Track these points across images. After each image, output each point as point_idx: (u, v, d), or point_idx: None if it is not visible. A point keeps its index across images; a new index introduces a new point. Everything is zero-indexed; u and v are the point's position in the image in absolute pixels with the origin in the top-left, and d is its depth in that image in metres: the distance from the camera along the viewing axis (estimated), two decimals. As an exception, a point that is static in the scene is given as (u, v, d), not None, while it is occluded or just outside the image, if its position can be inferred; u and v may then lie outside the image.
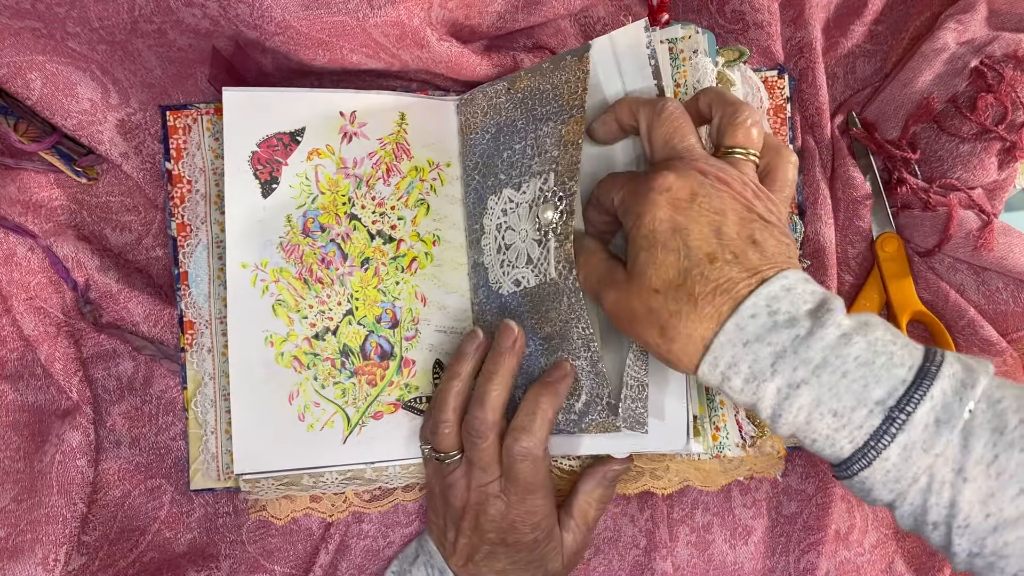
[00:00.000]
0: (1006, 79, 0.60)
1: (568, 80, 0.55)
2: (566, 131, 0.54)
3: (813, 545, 0.63)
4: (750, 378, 0.44)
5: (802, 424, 0.44)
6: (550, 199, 0.54)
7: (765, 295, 0.44)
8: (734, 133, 0.49)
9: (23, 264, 0.62)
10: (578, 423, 0.55)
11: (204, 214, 0.60)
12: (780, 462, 0.61)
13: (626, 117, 0.53)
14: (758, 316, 0.43)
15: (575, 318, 0.53)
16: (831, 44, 0.67)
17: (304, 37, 0.54)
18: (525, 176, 0.56)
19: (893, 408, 0.41)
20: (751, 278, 0.44)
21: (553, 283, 0.54)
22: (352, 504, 0.62)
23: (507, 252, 0.57)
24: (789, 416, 0.44)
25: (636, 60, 0.54)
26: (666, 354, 0.46)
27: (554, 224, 0.54)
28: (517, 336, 0.55)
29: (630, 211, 0.48)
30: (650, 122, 0.50)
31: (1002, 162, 0.62)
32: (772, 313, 0.43)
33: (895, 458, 0.42)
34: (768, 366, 0.43)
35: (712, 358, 0.45)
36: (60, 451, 0.60)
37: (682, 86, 0.57)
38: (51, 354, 0.61)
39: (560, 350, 0.55)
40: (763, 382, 0.44)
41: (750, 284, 0.44)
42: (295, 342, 0.58)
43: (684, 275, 0.45)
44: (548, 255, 0.54)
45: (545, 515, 0.54)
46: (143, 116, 0.62)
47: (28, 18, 0.54)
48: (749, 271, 0.44)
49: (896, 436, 0.41)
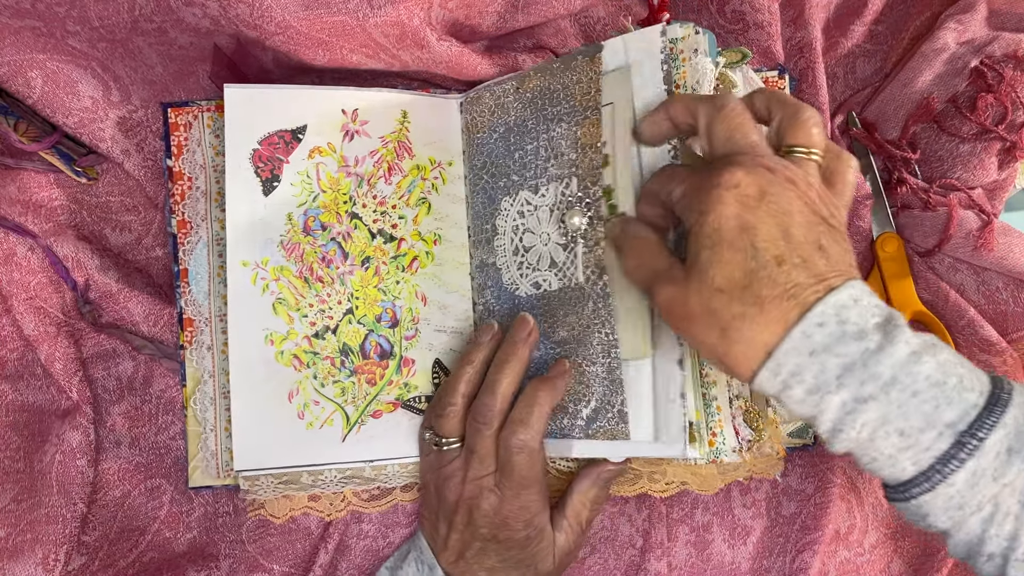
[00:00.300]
0: (1006, 79, 0.60)
1: (579, 80, 0.55)
2: (582, 133, 0.55)
3: (809, 544, 0.63)
4: (814, 389, 0.43)
5: (864, 441, 0.43)
6: (575, 205, 0.55)
7: (833, 304, 0.42)
8: (796, 132, 0.47)
9: (23, 264, 0.62)
10: (585, 429, 0.55)
11: (204, 211, 0.60)
12: (780, 463, 0.61)
13: (682, 115, 0.50)
14: (826, 325, 0.42)
15: (599, 323, 0.54)
16: (831, 44, 0.67)
17: (304, 37, 0.54)
18: (542, 179, 0.57)
19: (964, 432, 0.40)
20: (818, 285, 0.43)
21: (579, 288, 0.55)
22: (350, 504, 0.62)
23: (526, 255, 0.58)
24: (851, 432, 0.42)
25: (649, 64, 0.54)
26: (723, 356, 0.44)
27: (583, 230, 0.55)
28: (532, 328, 0.56)
29: (693, 207, 0.45)
30: (710, 117, 0.48)
31: (1002, 162, 0.62)
32: (841, 323, 0.42)
33: (961, 484, 0.41)
34: (834, 378, 0.42)
35: (774, 365, 0.43)
36: (60, 451, 0.60)
37: (682, 87, 0.57)
38: (51, 354, 0.61)
39: (574, 355, 0.55)
40: (827, 394, 0.42)
41: (817, 291, 0.42)
42: (295, 340, 0.58)
43: (750, 276, 0.43)
44: (576, 260, 0.55)
45: (538, 512, 0.54)
46: (144, 113, 0.62)
47: (28, 17, 0.54)
48: (816, 277, 0.43)
49: (965, 462, 0.40)
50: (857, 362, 0.42)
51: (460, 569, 0.55)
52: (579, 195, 0.55)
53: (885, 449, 0.42)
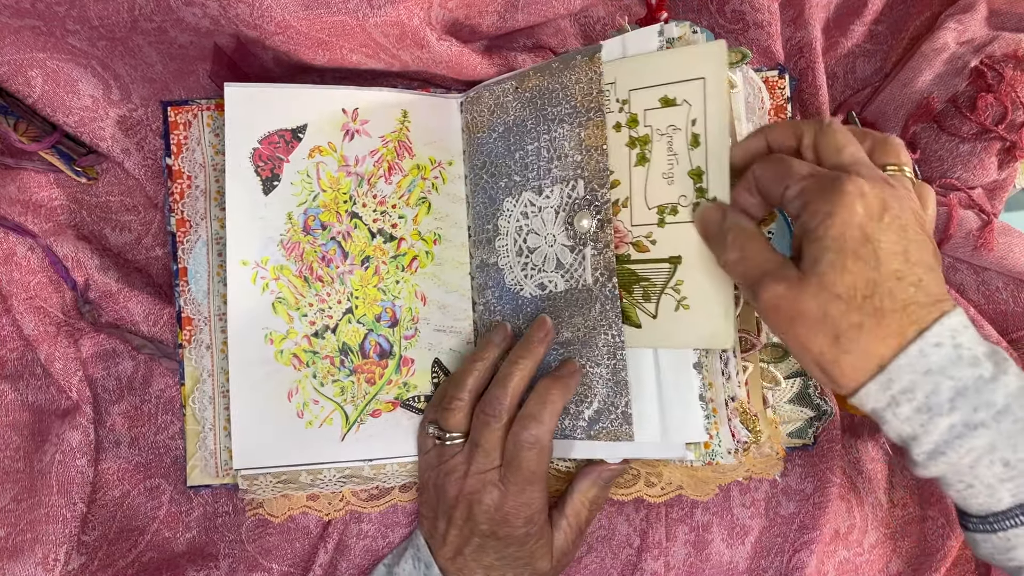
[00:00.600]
0: (1006, 79, 0.60)
1: (579, 80, 0.55)
2: (586, 135, 0.55)
3: (806, 544, 0.63)
4: (923, 408, 0.43)
5: (963, 467, 0.43)
6: (583, 208, 0.55)
7: (949, 327, 0.43)
8: (887, 152, 0.48)
9: (23, 264, 0.62)
10: (587, 430, 0.55)
11: (204, 210, 0.60)
12: (779, 463, 0.61)
13: (781, 136, 0.50)
14: (942, 346, 0.42)
15: (605, 325, 0.54)
16: (831, 44, 0.67)
17: (304, 37, 0.54)
18: (546, 180, 0.57)
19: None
20: (933, 305, 0.43)
21: (586, 289, 0.55)
22: (349, 503, 0.62)
23: (531, 255, 0.58)
24: (953, 456, 0.43)
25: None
26: (830, 364, 0.44)
27: (592, 232, 0.55)
28: (549, 330, 0.56)
29: (815, 208, 0.44)
30: (816, 133, 0.48)
31: (1002, 162, 0.62)
32: (956, 347, 0.42)
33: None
34: (947, 400, 0.42)
35: (885, 379, 0.43)
36: (60, 451, 0.60)
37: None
38: (51, 354, 0.61)
39: (579, 356, 0.55)
40: (937, 416, 0.43)
41: (932, 312, 0.43)
42: (295, 340, 0.58)
43: (872, 287, 0.43)
44: (584, 262, 0.55)
45: (539, 510, 0.54)
46: (144, 112, 0.62)
47: (28, 16, 0.54)
48: (931, 297, 0.43)
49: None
50: (970, 387, 0.42)
51: (457, 566, 0.55)
52: (587, 198, 0.55)
53: (986, 478, 0.43)
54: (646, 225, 0.54)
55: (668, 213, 0.53)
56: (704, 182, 0.52)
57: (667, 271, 0.53)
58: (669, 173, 0.53)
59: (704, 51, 0.52)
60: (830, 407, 0.61)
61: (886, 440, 0.66)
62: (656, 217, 0.54)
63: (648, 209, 0.54)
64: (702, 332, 0.52)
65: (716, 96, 0.52)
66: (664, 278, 0.54)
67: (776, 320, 0.46)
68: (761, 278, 0.46)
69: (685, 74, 0.52)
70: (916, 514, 0.65)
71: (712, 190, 0.52)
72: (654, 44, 0.54)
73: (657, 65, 0.53)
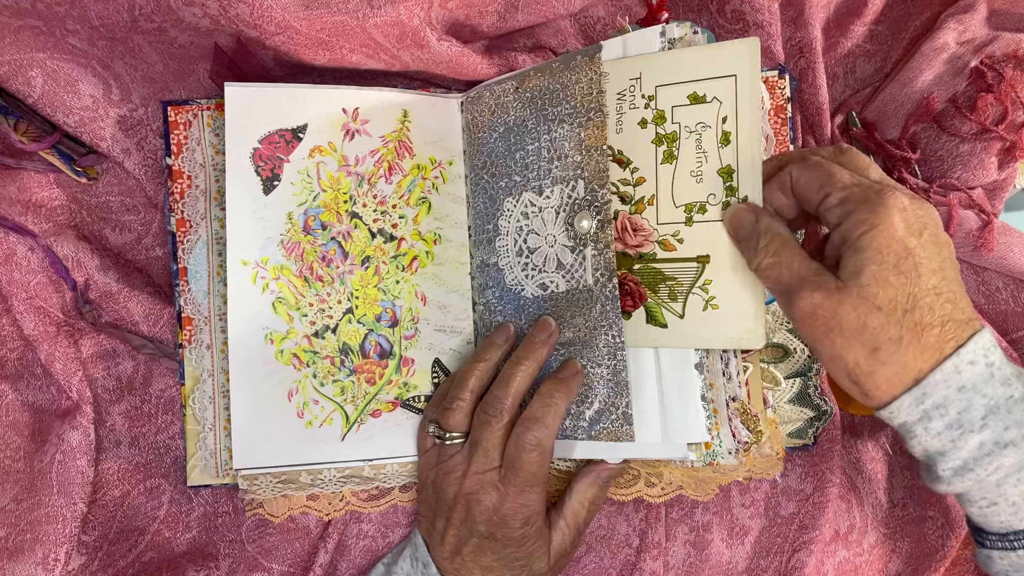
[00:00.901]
0: (1006, 79, 0.60)
1: (579, 80, 0.55)
2: (586, 135, 0.55)
3: (805, 544, 0.63)
4: (955, 424, 0.43)
5: (990, 485, 0.44)
6: (584, 208, 0.55)
7: (982, 345, 0.43)
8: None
9: (23, 264, 0.62)
10: (587, 430, 0.55)
11: (204, 210, 0.60)
12: (779, 463, 0.61)
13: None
14: (976, 364, 0.43)
15: (606, 325, 0.54)
16: (831, 44, 0.67)
17: (304, 37, 0.54)
18: (546, 180, 0.57)
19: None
20: (967, 323, 0.44)
21: (587, 290, 0.55)
22: (349, 503, 0.62)
23: (531, 256, 0.58)
24: (981, 473, 0.43)
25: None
26: (863, 375, 0.45)
27: (592, 233, 0.55)
28: (553, 331, 0.56)
29: (859, 218, 0.44)
30: (838, 156, 0.49)
31: (1002, 162, 0.62)
32: (989, 365, 0.43)
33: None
34: (979, 418, 0.43)
35: (919, 393, 0.44)
36: (60, 451, 0.60)
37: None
38: (51, 354, 0.61)
39: (580, 356, 0.55)
40: (968, 432, 0.43)
41: (967, 329, 0.44)
42: (295, 340, 0.58)
43: (913, 301, 0.43)
44: (584, 262, 0.55)
45: (537, 511, 0.54)
46: (144, 112, 0.62)
47: (28, 16, 0.54)
48: (965, 314, 0.44)
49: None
50: (1002, 406, 0.43)
51: (455, 565, 0.55)
52: (587, 198, 0.55)
53: (1011, 496, 0.43)
54: (673, 223, 0.54)
55: (696, 211, 0.53)
56: (735, 181, 0.52)
57: (695, 270, 0.53)
58: (698, 171, 0.53)
59: (737, 48, 0.51)
60: (830, 407, 0.61)
61: (887, 442, 0.66)
62: (683, 215, 0.53)
63: (675, 207, 0.54)
64: (731, 333, 0.52)
65: (748, 94, 0.51)
66: (692, 277, 0.53)
67: (811, 328, 0.46)
68: (799, 285, 0.46)
69: (716, 71, 0.52)
70: (916, 514, 0.65)
71: (743, 189, 0.51)
72: (656, 45, 0.54)
73: (687, 61, 0.53)
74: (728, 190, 0.52)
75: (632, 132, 0.55)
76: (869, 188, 0.45)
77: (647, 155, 0.55)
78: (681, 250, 0.54)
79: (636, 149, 0.55)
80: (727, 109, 0.52)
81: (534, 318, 0.57)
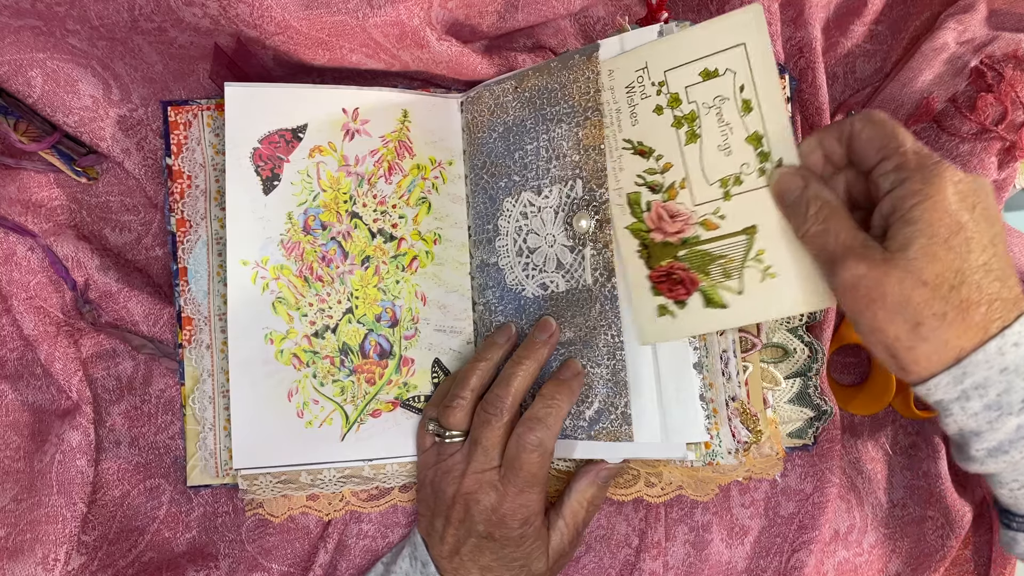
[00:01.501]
0: (1006, 79, 0.60)
1: (577, 80, 0.55)
2: (584, 135, 0.55)
3: (805, 544, 0.63)
4: (993, 406, 0.43)
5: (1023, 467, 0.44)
6: (582, 208, 0.55)
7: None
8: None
9: (23, 264, 0.62)
10: (587, 430, 0.55)
11: (204, 210, 0.60)
12: (779, 463, 0.61)
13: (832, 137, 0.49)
14: (1020, 346, 0.42)
15: (605, 325, 0.54)
16: (831, 44, 0.67)
17: (304, 37, 0.54)
18: (544, 180, 0.57)
19: None
20: (1014, 304, 0.43)
21: (586, 289, 0.55)
22: (349, 503, 0.62)
23: (531, 256, 0.58)
24: (1016, 455, 0.43)
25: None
26: (903, 350, 0.44)
27: (591, 232, 0.55)
28: (554, 332, 0.56)
29: (913, 187, 0.43)
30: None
31: (1002, 162, 0.62)
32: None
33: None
34: (1019, 400, 0.43)
35: (959, 372, 0.43)
36: (60, 451, 0.60)
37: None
38: (51, 354, 0.61)
39: (579, 356, 0.55)
40: (1007, 415, 0.43)
41: (1013, 310, 0.43)
42: (295, 340, 0.58)
43: (960, 277, 0.42)
44: (584, 262, 0.55)
45: (536, 512, 0.54)
46: (144, 112, 0.62)
47: (28, 16, 0.54)
48: (1014, 296, 0.43)
49: None
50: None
51: (454, 565, 0.55)
52: (585, 198, 0.55)
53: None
54: (711, 202, 0.52)
55: (732, 184, 0.51)
56: (765, 146, 0.50)
57: (744, 243, 0.51)
58: (725, 144, 0.51)
59: (739, 18, 0.50)
60: (830, 407, 0.61)
61: (887, 442, 0.66)
62: (720, 191, 0.52)
63: (709, 185, 0.52)
64: (796, 296, 0.50)
65: (761, 59, 0.50)
66: (742, 251, 0.51)
67: (852, 299, 0.44)
68: (844, 255, 0.44)
69: (723, 44, 0.51)
70: (916, 514, 0.65)
71: (776, 152, 0.50)
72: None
73: (691, 41, 0.52)
74: (760, 156, 0.50)
75: (649, 121, 0.54)
76: (928, 157, 0.44)
77: (669, 140, 0.53)
78: (724, 226, 0.52)
79: (656, 136, 0.54)
80: (742, 78, 0.51)
81: (535, 318, 0.57)
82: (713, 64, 0.52)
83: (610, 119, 0.55)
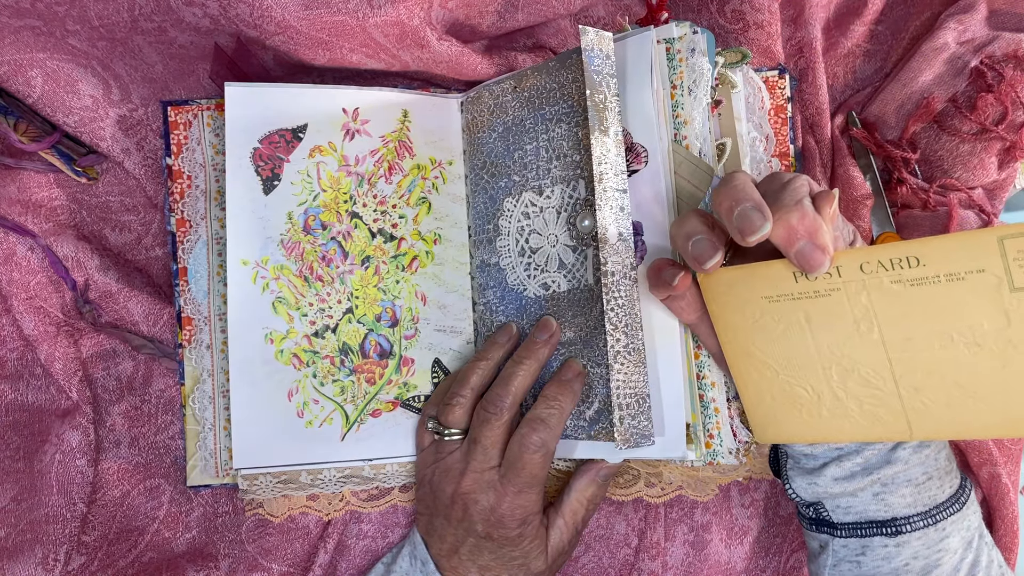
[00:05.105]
0: (1006, 79, 0.60)
1: (576, 79, 0.55)
2: (583, 135, 0.55)
3: (804, 544, 0.63)
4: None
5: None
6: (585, 208, 0.55)
7: None
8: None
9: (23, 264, 0.62)
10: (587, 430, 0.55)
11: (204, 210, 0.60)
12: (780, 463, 0.61)
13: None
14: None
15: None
16: (831, 44, 0.67)
17: (304, 37, 0.54)
18: (546, 180, 0.57)
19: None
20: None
21: (588, 289, 0.55)
22: (349, 503, 0.62)
23: (533, 256, 0.57)
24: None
25: (640, 66, 0.54)
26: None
27: (594, 233, 0.54)
28: (554, 332, 0.56)
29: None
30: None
31: (1002, 162, 0.62)
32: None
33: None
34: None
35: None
36: (60, 451, 0.60)
37: (678, 86, 0.57)
38: (51, 354, 0.61)
39: (580, 356, 0.55)
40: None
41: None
42: (295, 339, 0.58)
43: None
44: (587, 262, 0.55)
45: (534, 512, 0.54)
46: (144, 112, 0.62)
47: (28, 16, 0.54)
48: None
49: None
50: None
51: (453, 564, 0.55)
52: (588, 198, 0.55)
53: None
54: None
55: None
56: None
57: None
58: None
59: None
60: (830, 407, 0.61)
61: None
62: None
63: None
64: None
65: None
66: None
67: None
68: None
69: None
70: (916, 514, 0.65)
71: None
72: (648, 48, 0.54)
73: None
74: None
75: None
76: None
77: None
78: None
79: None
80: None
81: (536, 318, 0.57)
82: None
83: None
